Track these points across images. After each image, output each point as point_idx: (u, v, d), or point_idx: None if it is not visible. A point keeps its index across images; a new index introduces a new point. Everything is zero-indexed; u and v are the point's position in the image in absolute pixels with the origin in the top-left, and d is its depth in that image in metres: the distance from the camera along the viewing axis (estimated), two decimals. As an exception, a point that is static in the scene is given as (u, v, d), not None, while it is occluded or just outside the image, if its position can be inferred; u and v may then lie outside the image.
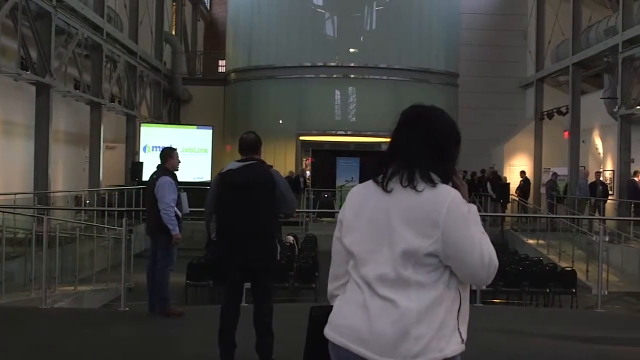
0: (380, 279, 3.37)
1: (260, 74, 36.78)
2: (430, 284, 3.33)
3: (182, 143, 29.23)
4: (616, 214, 27.70)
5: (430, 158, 3.47)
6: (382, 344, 3.29)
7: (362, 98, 36.51)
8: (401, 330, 3.27)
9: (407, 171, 3.44)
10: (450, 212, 3.33)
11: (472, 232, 3.35)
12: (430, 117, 3.67)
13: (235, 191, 7.65)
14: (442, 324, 3.31)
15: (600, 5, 33.99)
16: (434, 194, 3.38)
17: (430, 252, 3.32)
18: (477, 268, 3.34)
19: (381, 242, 3.41)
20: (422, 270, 3.33)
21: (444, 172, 3.49)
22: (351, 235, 3.55)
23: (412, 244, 3.33)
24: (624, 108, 27.52)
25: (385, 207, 3.44)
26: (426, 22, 37.01)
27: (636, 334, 10.77)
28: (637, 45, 26.87)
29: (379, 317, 3.33)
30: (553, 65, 35.97)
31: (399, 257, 3.35)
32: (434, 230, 3.32)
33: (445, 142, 3.58)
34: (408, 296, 3.31)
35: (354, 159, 33.99)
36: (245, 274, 7.84)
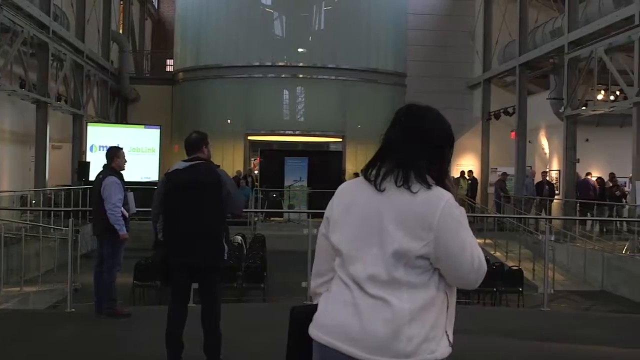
0: (371, 278, 3.34)
1: (209, 73, 36.67)
2: (421, 285, 3.33)
3: (129, 143, 29.06)
4: (562, 214, 28.01)
5: (427, 159, 3.45)
6: (374, 343, 3.27)
7: (310, 98, 36.52)
8: (393, 330, 3.25)
9: (402, 171, 3.41)
10: (444, 215, 3.32)
11: (463, 236, 3.35)
12: (428, 117, 3.62)
13: (181, 191, 7.62)
14: (433, 326, 3.32)
15: (546, 7, 34.32)
16: (429, 196, 3.36)
17: (421, 254, 3.31)
18: (467, 271, 3.35)
19: (371, 241, 3.38)
20: (413, 272, 3.32)
21: (439, 173, 3.46)
22: (339, 232, 3.50)
23: (404, 245, 3.31)
24: (570, 109, 27.82)
25: (377, 206, 3.40)
26: (374, 22, 37.12)
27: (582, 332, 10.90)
28: (582, 46, 27.18)
29: (370, 315, 3.30)
30: (500, 66, 36.23)
31: (389, 257, 3.32)
32: (427, 233, 3.31)
33: (441, 143, 3.55)
34: (399, 296, 3.29)
35: (303, 158, 33.96)
36: (192, 274, 7.81)
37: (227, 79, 36.26)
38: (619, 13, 24.59)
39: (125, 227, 10.68)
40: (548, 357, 9.21)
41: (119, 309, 10.94)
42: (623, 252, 21.40)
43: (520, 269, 18.45)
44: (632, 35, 23.35)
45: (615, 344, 10.11)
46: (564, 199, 28.17)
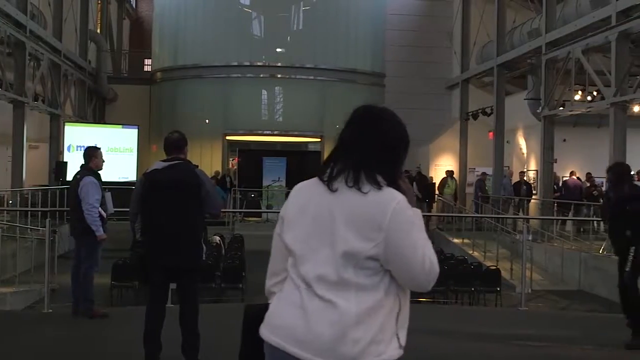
0: (320, 279, 3.33)
1: (187, 73, 36.57)
2: (370, 287, 3.30)
3: (107, 142, 28.91)
4: (539, 214, 28.12)
5: (378, 159, 3.43)
6: (320, 345, 3.25)
7: (288, 98, 36.50)
8: (339, 332, 3.23)
9: (352, 171, 3.39)
10: (395, 216, 3.29)
11: (415, 237, 3.32)
12: (382, 117, 3.58)
13: (160, 191, 7.60)
14: (381, 328, 3.28)
15: (524, 8, 34.43)
16: (379, 196, 3.33)
17: (371, 255, 3.28)
18: (417, 273, 3.31)
19: (322, 242, 3.36)
20: (363, 273, 3.30)
21: (391, 174, 3.44)
22: (292, 232, 3.50)
23: (354, 246, 3.28)
24: (547, 109, 27.92)
25: (329, 207, 3.39)
26: (353, 22, 37.12)
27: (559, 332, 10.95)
28: (560, 47, 27.29)
29: (317, 317, 3.28)
30: (478, 66, 36.32)
31: (339, 258, 3.30)
32: (377, 234, 3.28)
33: (395, 144, 3.53)
34: (347, 298, 3.27)
35: (281, 158, 34.00)
36: (170, 274, 7.80)
37: (205, 78, 36.17)
38: (595, 14, 24.71)
39: (103, 228, 10.64)
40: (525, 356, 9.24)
41: (97, 309, 10.91)
42: (600, 251, 21.50)
43: (498, 268, 18.50)
44: (609, 36, 23.48)
45: (591, 343, 10.16)
46: (541, 198, 28.27)
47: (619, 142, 23.45)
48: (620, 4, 22.95)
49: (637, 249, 9.64)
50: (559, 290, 20.89)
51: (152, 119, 37.80)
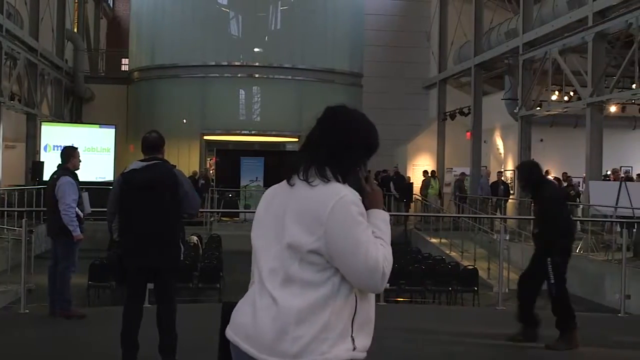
0: (270, 273, 3.35)
1: (164, 72, 36.45)
2: (316, 284, 3.27)
3: (84, 142, 28.78)
4: (516, 213, 28.21)
5: (330, 155, 3.41)
6: (262, 341, 3.26)
7: (266, 98, 36.45)
8: (279, 329, 3.23)
9: (305, 165, 3.42)
10: (336, 211, 3.25)
11: (357, 234, 3.25)
12: (337, 115, 3.58)
13: (137, 191, 7.57)
14: (325, 327, 3.23)
15: (501, 8, 34.55)
16: (324, 190, 3.33)
17: (313, 249, 3.26)
18: (360, 272, 3.25)
19: (275, 237, 3.38)
20: (309, 269, 3.28)
21: (342, 170, 3.40)
22: (256, 230, 3.56)
23: (297, 238, 3.28)
24: (524, 109, 28.05)
25: (285, 202, 3.41)
26: (331, 22, 37.12)
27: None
28: (537, 47, 27.42)
29: (262, 313, 3.30)
30: (455, 66, 36.46)
31: (285, 251, 3.31)
32: (318, 227, 3.26)
33: (350, 142, 3.47)
34: (291, 293, 3.26)
35: (259, 158, 33.94)
36: (148, 274, 7.77)
37: (182, 78, 36.07)
38: (572, 14, 24.86)
39: (80, 228, 10.59)
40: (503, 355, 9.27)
41: (74, 310, 10.86)
42: (576, 251, 21.58)
43: (475, 268, 18.53)
44: (586, 36, 23.61)
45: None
46: (518, 198, 28.37)
47: (596, 142, 23.60)
48: (597, 4, 23.09)
49: (552, 259, 9.51)
50: (536, 290, 20.93)
51: (129, 118, 37.66)
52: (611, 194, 19.81)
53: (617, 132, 30.77)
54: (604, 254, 20.50)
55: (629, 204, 19.11)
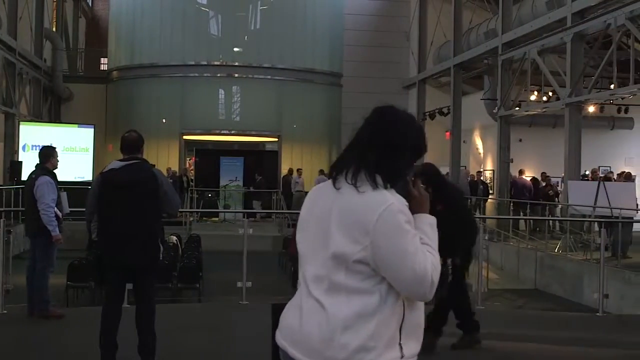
0: (315, 280, 3.31)
1: (143, 72, 36.32)
2: (363, 292, 3.23)
3: (62, 142, 28.70)
4: (496, 213, 28.31)
5: (379, 159, 3.33)
6: (309, 347, 3.24)
7: (246, 97, 36.39)
8: (326, 335, 3.20)
9: (353, 168, 3.33)
10: (382, 220, 3.18)
11: (404, 245, 3.19)
12: (386, 116, 3.50)
13: (117, 191, 7.54)
14: (372, 336, 3.19)
15: (480, 8, 34.64)
16: (371, 197, 3.25)
17: (359, 259, 3.20)
18: (409, 282, 3.21)
19: (321, 242, 3.32)
20: (355, 277, 3.23)
21: (391, 175, 3.34)
22: (301, 233, 3.50)
23: (342, 248, 3.23)
24: (504, 109, 28.14)
25: (330, 206, 3.34)
26: (310, 22, 37.11)
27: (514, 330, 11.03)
28: (516, 47, 27.51)
29: (308, 318, 3.28)
30: (435, 66, 36.53)
31: (330, 259, 3.26)
32: (364, 237, 3.20)
33: (397, 142, 3.38)
34: (338, 301, 3.23)
35: (238, 158, 33.92)
36: (127, 274, 7.75)
37: (162, 77, 35.95)
38: (551, 15, 24.96)
39: (58, 228, 10.54)
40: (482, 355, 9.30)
41: (52, 310, 10.81)
42: (555, 250, 21.68)
43: (454, 268, 18.54)
44: (564, 37, 23.71)
45: (548, 341, 10.24)
46: (497, 198, 28.46)
47: (574, 142, 23.71)
48: (576, 5, 23.20)
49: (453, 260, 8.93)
50: (515, 289, 21.04)
51: (108, 118, 37.54)
52: (589, 194, 19.90)
53: (595, 132, 30.94)
54: (582, 253, 20.58)
55: (607, 204, 19.21)
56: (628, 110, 30.61)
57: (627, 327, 12.36)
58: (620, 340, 10.78)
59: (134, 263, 7.60)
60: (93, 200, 7.77)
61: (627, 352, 9.99)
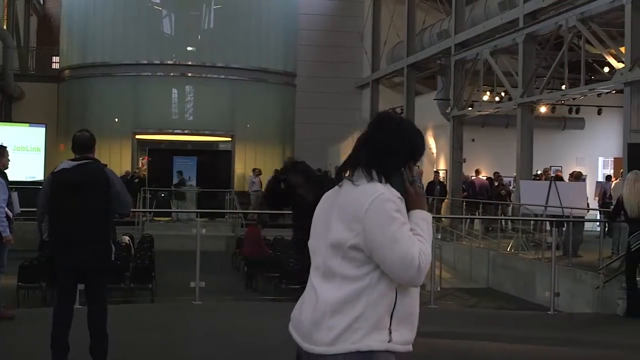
0: (316, 268, 3.64)
1: (96, 71, 36.10)
2: (356, 278, 3.48)
3: (13, 141, 28.36)
4: (449, 213, 28.44)
5: (374, 156, 3.61)
6: (304, 330, 3.56)
7: (199, 97, 36.29)
8: (317, 319, 3.49)
9: (352, 166, 3.65)
10: (372, 208, 3.45)
11: (393, 230, 3.42)
12: (383, 119, 3.80)
13: (68, 191, 7.46)
14: (358, 318, 3.43)
15: (434, 9, 34.80)
16: (365, 188, 3.53)
17: (353, 244, 3.46)
18: (397, 266, 3.42)
19: (324, 235, 3.61)
20: (350, 264, 3.49)
21: (386, 171, 3.59)
22: (312, 231, 3.77)
23: (339, 235, 3.51)
24: (456, 109, 28.30)
25: (333, 202, 3.66)
26: (264, 21, 37.09)
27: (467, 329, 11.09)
28: (468, 48, 27.67)
29: (306, 305, 3.61)
30: (388, 66, 36.64)
31: (329, 248, 3.55)
32: (356, 224, 3.47)
33: (392, 142, 3.65)
34: (331, 286, 3.50)
35: (192, 158, 33.78)
36: (78, 275, 7.67)
37: (114, 77, 35.73)
38: (503, 16, 25.15)
39: (9, 228, 10.42)
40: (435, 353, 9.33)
41: (3, 311, 10.68)
42: (508, 250, 21.83)
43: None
44: (517, 37, 23.90)
45: (500, 340, 10.31)
46: (450, 198, 28.61)
47: (526, 142, 23.90)
48: (528, 6, 23.40)
49: None
50: (468, 288, 21.16)
51: (60, 117, 37.23)
52: (541, 194, 20.05)
53: (547, 133, 31.21)
54: (534, 252, 20.75)
55: (558, 203, 19.37)
56: (579, 110, 30.95)
57: (577, 325, 12.49)
58: (571, 338, 10.89)
59: (85, 264, 7.53)
60: (44, 200, 7.69)
61: (578, 350, 10.10)
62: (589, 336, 11.12)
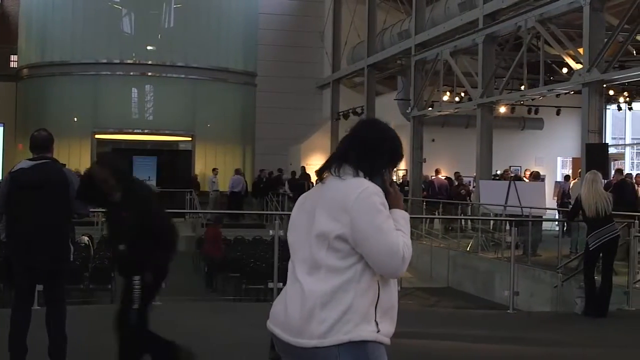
0: (301, 262, 3.70)
1: (55, 70, 35.83)
2: (341, 269, 3.60)
3: (-30, 141, 28.12)
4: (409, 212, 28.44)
5: (360, 156, 3.78)
6: (293, 326, 3.60)
7: (159, 96, 36.14)
8: (307, 313, 3.55)
9: (337, 162, 3.79)
10: (360, 200, 3.59)
11: (379, 221, 3.59)
12: (365, 124, 4.04)
13: (26, 191, 7.39)
14: (348, 309, 3.55)
15: (394, 9, 34.86)
16: (351, 182, 3.69)
17: (338, 235, 3.59)
18: (382, 256, 3.57)
19: (307, 230, 3.72)
20: (334, 255, 3.60)
21: (370, 170, 3.77)
22: (290, 230, 3.90)
23: (325, 227, 3.62)
24: (417, 109, 28.40)
25: (316, 197, 3.79)
26: (224, 21, 36.99)
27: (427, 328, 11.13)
28: (429, 48, 27.77)
29: (291, 300, 3.65)
30: (349, 66, 36.69)
31: (314, 239, 3.65)
32: (343, 215, 3.60)
33: (374, 146, 3.84)
34: (317, 279, 3.60)
35: (151, 157, 33.65)
36: (36, 276, 7.60)
37: (73, 75, 35.48)
38: (463, 17, 25.27)
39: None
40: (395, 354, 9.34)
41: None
42: (467, 249, 21.94)
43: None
44: (476, 38, 24.02)
45: (460, 339, 10.35)
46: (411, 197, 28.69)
47: (486, 142, 24.05)
48: (487, 7, 23.53)
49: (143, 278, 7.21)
50: (428, 288, 21.24)
51: (18, 116, 36.91)
52: (500, 193, 20.18)
53: (506, 133, 31.41)
54: (493, 252, 20.88)
55: (517, 203, 19.50)
56: (538, 111, 31.19)
57: (536, 324, 12.56)
58: (531, 337, 10.96)
59: (43, 264, 7.46)
60: (2, 200, 7.61)
61: (536, 348, 10.16)
62: (547, 335, 11.19)
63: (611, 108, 34.50)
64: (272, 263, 13.02)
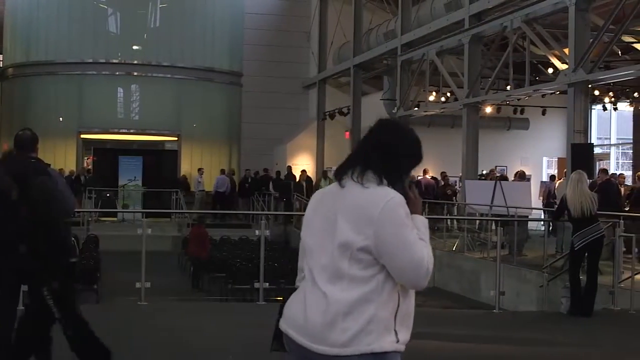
0: (321, 269, 3.65)
1: (40, 69, 35.68)
2: (363, 279, 3.57)
3: (-46, 140, 28.00)
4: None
5: (383, 161, 3.72)
6: (314, 332, 3.57)
7: (145, 96, 36.06)
8: (330, 320, 3.53)
9: (360, 168, 3.70)
10: (385, 211, 3.55)
11: (405, 234, 3.56)
12: (385, 128, 3.90)
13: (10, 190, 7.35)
14: (371, 320, 3.54)
15: (380, 9, 34.91)
16: (376, 191, 3.62)
17: (362, 246, 3.55)
18: (407, 269, 3.56)
19: (328, 235, 3.66)
20: (357, 266, 3.57)
21: (393, 176, 3.71)
22: (307, 230, 3.85)
23: (348, 237, 3.57)
24: (403, 109, 28.42)
25: (336, 203, 3.71)
26: (210, 21, 36.94)
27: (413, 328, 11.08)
28: (415, 48, 27.81)
29: (312, 306, 3.61)
30: (335, 66, 36.67)
31: (336, 249, 3.60)
32: (368, 227, 3.55)
33: (398, 149, 3.80)
34: (340, 288, 3.56)
35: (137, 157, 33.57)
36: (21, 276, 7.56)
37: (59, 75, 35.37)
38: (449, 17, 25.31)
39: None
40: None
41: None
42: (453, 249, 21.96)
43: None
44: (462, 38, 24.06)
45: (446, 339, 10.37)
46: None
47: (472, 142, 24.10)
48: (473, 7, 23.57)
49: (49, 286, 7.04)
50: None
51: (3, 116, 36.82)
52: (486, 193, 20.20)
53: (492, 133, 31.52)
54: (479, 251, 20.91)
55: (503, 203, 19.53)
56: (524, 111, 31.28)
57: (521, 323, 12.59)
58: (516, 337, 10.99)
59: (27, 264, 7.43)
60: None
61: (522, 348, 10.18)
62: (533, 334, 11.21)
63: (596, 108, 34.67)
64: (258, 263, 13.04)
